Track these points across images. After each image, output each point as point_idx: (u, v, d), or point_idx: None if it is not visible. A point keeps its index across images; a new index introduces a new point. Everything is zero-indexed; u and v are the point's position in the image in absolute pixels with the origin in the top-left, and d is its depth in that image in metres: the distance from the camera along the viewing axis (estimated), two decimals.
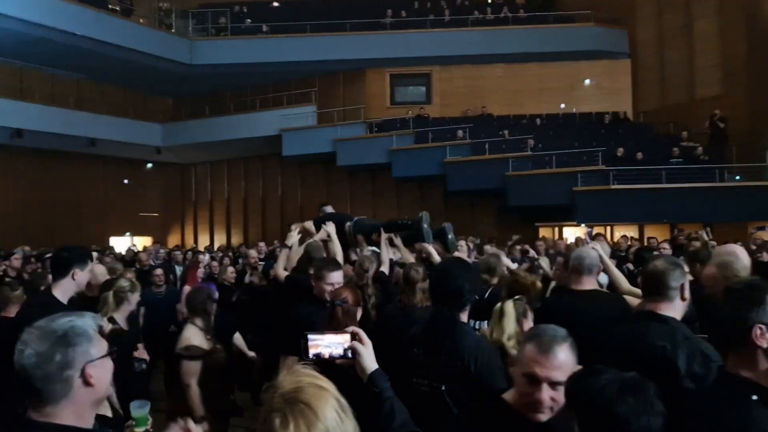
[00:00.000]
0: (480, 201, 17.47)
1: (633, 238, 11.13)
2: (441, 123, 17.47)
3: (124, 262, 7.93)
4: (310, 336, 1.68)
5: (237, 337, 4.75)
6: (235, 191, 22.22)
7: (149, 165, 22.38)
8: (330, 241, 4.60)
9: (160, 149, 20.57)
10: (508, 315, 2.72)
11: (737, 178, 13.98)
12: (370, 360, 1.69)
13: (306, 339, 1.67)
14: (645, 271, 2.33)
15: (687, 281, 2.28)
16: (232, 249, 13.92)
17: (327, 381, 1.19)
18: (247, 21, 19.95)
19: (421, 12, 19.75)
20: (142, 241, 19.50)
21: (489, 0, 20.82)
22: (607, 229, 14.73)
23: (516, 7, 19.59)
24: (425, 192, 18.15)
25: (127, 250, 12.63)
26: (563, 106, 18.31)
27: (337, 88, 19.90)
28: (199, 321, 3.80)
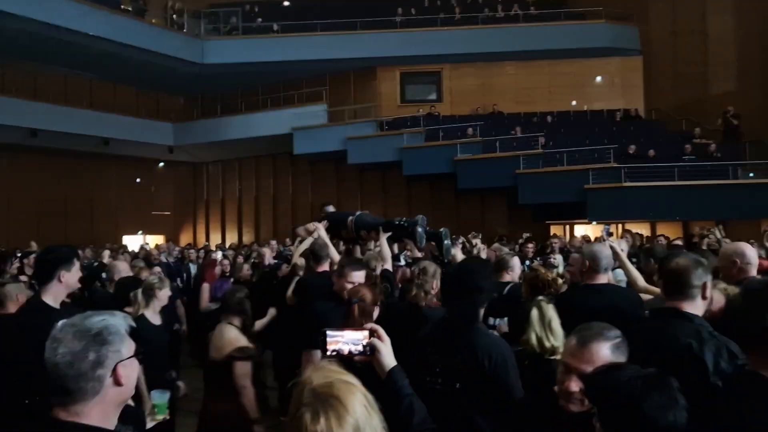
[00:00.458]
0: (491, 199, 17.43)
1: (638, 234, 10.91)
2: (452, 121, 17.40)
3: (146, 261, 7.98)
4: (329, 332, 1.66)
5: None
6: (247, 190, 22.33)
7: (161, 164, 22.60)
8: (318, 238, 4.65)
9: (172, 148, 20.70)
10: (554, 318, 2.53)
11: (751, 175, 13.80)
12: (389, 357, 1.67)
13: (324, 335, 1.66)
14: (666, 269, 2.30)
15: (709, 279, 2.26)
16: (244, 247, 13.98)
17: (353, 377, 1.21)
18: (258, 20, 20.00)
19: (432, 10, 19.65)
20: (154, 240, 19.69)
21: None
22: (619, 227, 14.61)
23: (527, 5, 19.44)
24: (436, 190, 18.11)
25: (140, 248, 12.73)
26: (574, 103, 18.25)
27: (348, 86, 19.92)
28: (237, 320, 3.74)
